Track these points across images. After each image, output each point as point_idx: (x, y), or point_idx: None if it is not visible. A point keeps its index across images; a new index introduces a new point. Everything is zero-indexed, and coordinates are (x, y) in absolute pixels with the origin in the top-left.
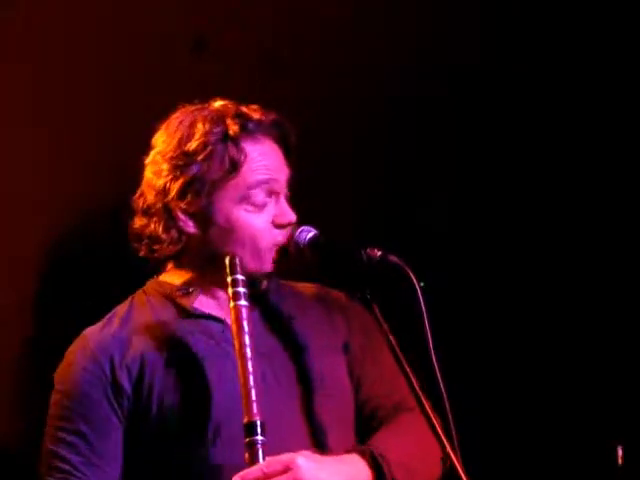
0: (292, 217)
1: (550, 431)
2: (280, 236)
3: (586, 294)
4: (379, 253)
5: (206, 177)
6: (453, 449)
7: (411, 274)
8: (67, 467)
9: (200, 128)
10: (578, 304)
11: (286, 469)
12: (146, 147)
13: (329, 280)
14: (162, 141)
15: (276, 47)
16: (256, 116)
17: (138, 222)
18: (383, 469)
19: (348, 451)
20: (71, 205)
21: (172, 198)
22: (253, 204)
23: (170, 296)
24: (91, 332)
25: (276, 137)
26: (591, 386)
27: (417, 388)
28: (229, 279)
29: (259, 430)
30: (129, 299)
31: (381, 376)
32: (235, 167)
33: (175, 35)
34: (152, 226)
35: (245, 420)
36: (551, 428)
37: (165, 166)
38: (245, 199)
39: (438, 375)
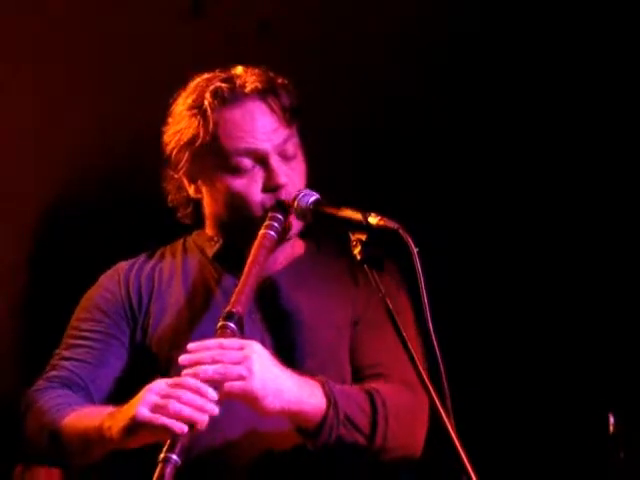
0: (279, 180)
1: (542, 399)
2: (267, 200)
3: (580, 269)
4: (379, 218)
5: (190, 146)
6: (445, 408)
7: (409, 239)
8: (60, 362)
9: (189, 100)
10: (571, 278)
11: (240, 347)
12: (142, 109)
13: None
14: (171, 108)
15: (273, 15)
16: (240, 83)
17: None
18: (338, 402)
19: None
20: (71, 161)
21: (171, 165)
22: (235, 170)
23: (201, 245)
24: (124, 264)
25: (267, 99)
26: (583, 355)
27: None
28: (269, 214)
29: (235, 320)
30: (169, 245)
31: (379, 347)
32: (211, 138)
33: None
34: (170, 194)
35: (227, 309)
36: (543, 396)
37: (165, 134)
38: (226, 165)
39: (433, 338)
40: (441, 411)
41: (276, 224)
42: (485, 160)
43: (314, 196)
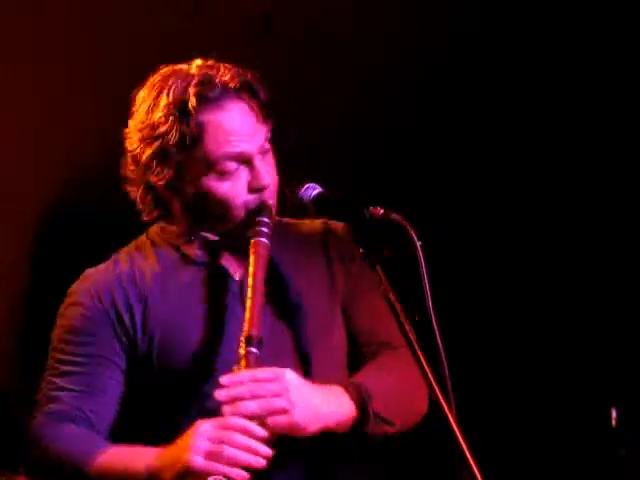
0: (265, 181)
1: (545, 394)
2: (252, 201)
3: (582, 264)
4: (381, 211)
5: (171, 150)
6: (446, 397)
7: (412, 233)
8: (56, 393)
9: (164, 100)
10: (573, 273)
11: (274, 379)
12: None
13: None
14: (136, 108)
15: (271, 10)
16: (221, 81)
17: (127, 187)
18: (366, 403)
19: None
20: (71, 161)
21: (144, 169)
22: (221, 172)
23: (174, 243)
24: (94, 272)
25: (246, 98)
26: (586, 349)
27: (412, 339)
28: (256, 219)
29: (255, 343)
30: (132, 243)
31: (370, 315)
32: (195, 141)
33: None
34: (133, 193)
35: (245, 333)
36: (546, 391)
37: (136, 136)
38: (212, 169)
39: (436, 331)
40: (443, 403)
41: (266, 229)
42: (485, 160)
43: (317, 189)
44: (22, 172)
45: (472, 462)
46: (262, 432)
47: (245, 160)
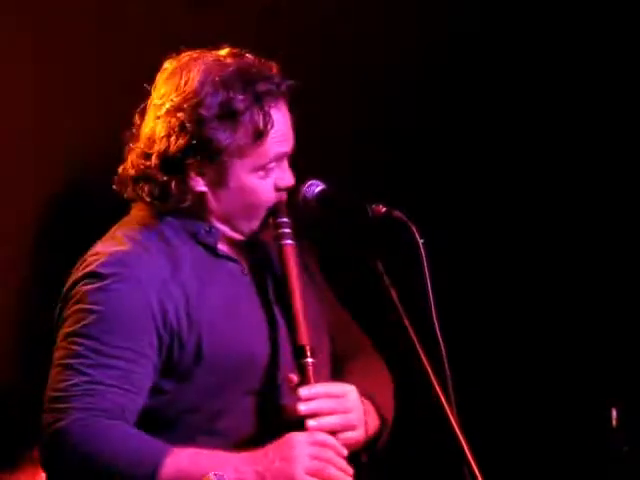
0: (292, 181)
1: (545, 393)
2: (273, 200)
3: (581, 263)
4: (384, 209)
5: (228, 144)
6: (448, 400)
7: (414, 230)
8: (100, 388)
9: (224, 91)
10: (573, 271)
11: (346, 394)
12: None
13: (334, 233)
14: (175, 95)
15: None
16: (277, 80)
17: (137, 167)
18: (383, 412)
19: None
20: (71, 161)
21: (188, 159)
22: (267, 171)
23: (194, 234)
24: (126, 254)
25: (287, 97)
26: (586, 348)
27: (415, 340)
28: (277, 221)
29: (309, 353)
30: (133, 225)
31: (340, 319)
32: (260, 136)
33: None
34: (158, 177)
35: (297, 344)
36: (546, 390)
37: (184, 126)
38: (262, 168)
39: (437, 329)
40: (444, 402)
41: (288, 230)
42: (485, 160)
43: (320, 186)
44: (22, 172)
45: (473, 462)
46: (344, 450)
47: (280, 159)
